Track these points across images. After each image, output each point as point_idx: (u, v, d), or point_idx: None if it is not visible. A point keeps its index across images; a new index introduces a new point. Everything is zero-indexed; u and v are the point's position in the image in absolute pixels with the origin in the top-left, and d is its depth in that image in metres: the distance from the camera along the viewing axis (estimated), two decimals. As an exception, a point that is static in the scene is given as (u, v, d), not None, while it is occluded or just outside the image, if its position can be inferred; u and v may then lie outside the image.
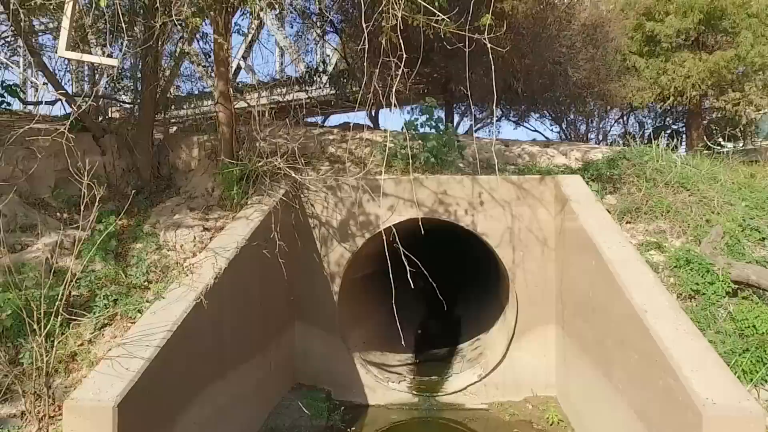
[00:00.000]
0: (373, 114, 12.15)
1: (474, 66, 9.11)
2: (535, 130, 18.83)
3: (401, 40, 5.06)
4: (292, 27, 12.32)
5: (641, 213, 7.29)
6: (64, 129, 4.26)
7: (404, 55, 4.90)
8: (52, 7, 4.48)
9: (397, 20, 4.99)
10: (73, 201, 6.57)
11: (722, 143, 18.39)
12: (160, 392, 3.73)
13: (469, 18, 5.26)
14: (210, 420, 4.52)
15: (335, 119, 15.39)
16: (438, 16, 5.29)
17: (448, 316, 11.58)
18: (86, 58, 4.10)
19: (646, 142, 20.55)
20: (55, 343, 4.00)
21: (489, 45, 5.12)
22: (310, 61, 12.90)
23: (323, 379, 7.02)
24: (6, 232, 5.54)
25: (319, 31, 12.15)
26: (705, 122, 15.79)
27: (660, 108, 14.22)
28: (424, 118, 7.79)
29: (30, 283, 4.72)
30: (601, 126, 21.07)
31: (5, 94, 7.24)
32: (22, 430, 3.79)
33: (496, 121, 14.44)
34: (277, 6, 7.26)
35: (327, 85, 12.91)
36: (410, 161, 6.97)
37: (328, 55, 12.93)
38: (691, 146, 13.98)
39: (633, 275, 4.51)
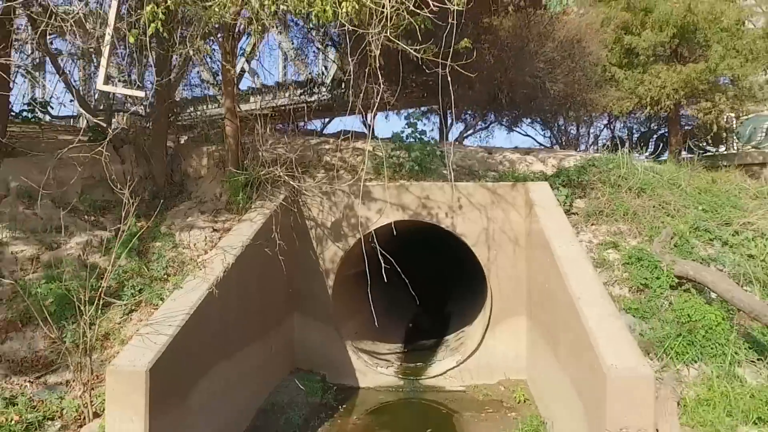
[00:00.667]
0: (369, 122, 13.00)
1: (460, 80, 9.95)
2: (527, 135, 19.50)
3: (398, 53, 5.87)
4: (293, 43, 13.17)
5: (604, 215, 8.14)
6: (102, 148, 5.04)
7: (398, 70, 5.67)
8: (73, 28, 5.30)
9: (379, 49, 5.81)
10: (98, 205, 7.46)
11: (707, 147, 19.20)
12: (180, 364, 4.57)
13: (454, 37, 5.90)
14: (220, 392, 5.36)
15: (335, 122, 16.33)
16: (417, 45, 6.04)
17: (439, 312, 12.43)
18: (119, 91, 4.94)
19: (633, 146, 21.37)
20: (95, 324, 4.86)
21: (466, 67, 5.98)
22: (311, 72, 13.76)
23: (319, 363, 7.86)
24: (44, 232, 6.44)
25: (319, 44, 13.02)
26: (687, 128, 16.54)
27: (644, 115, 15.02)
28: (410, 130, 8.62)
29: (67, 276, 5.59)
30: (591, 131, 21.88)
31: (36, 109, 8.12)
32: (68, 394, 4.66)
33: (485, 128, 15.25)
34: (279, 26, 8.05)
35: (326, 93, 13.77)
36: (396, 169, 7.84)
37: (326, 67, 13.78)
38: (670, 151, 14.76)
39: (575, 269, 5.34)
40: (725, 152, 19.08)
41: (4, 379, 4.71)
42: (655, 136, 20.05)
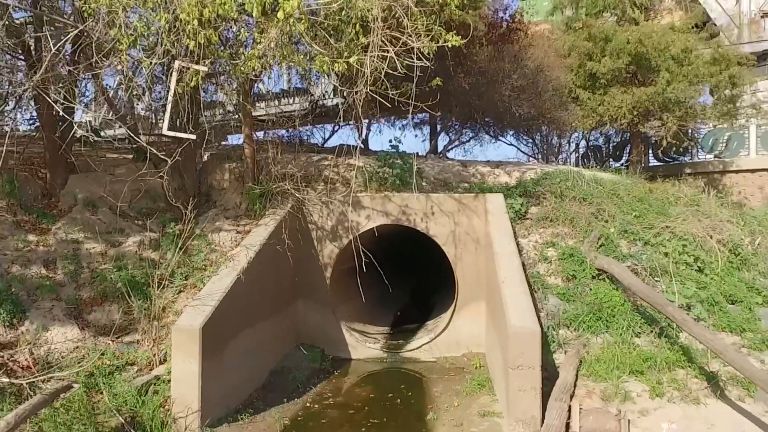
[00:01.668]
0: (363, 136, 14.95)
1: (443, 101, 11.89)
2: (511, 144, 21.36)
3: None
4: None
5: (550, 220, 10.02)
6: (164, 172, 6.94)
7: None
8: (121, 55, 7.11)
9: (362, 99, 7.69)
10: (143, 212, 9.35)
11: (675, 156, 21.04)
12: (219, 327, 6.46)
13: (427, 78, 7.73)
14: (243, 352, 7.25)
15: (334, 138, 18.24)
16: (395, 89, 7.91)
17: (425, 303, 14.29)
18: (179, 135, 6.81)
19: (609, 154, 23.23)
20: (157, 300, 6.78)
21: (444, 93, 7.90)
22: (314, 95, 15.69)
23: (319, 339, 9.72)
24: (107, 233, 8.37)
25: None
26: (654, 140, 18.39)
27: (617, 128, 16.87)
28: (393, 152, 10.53)
29: (130, 266, 7.51)
30: (571, 140, 23.79)
31: (92, 133, 10.03)
32: (140, 349, 6.58)
33: (467, 141, 17.13)
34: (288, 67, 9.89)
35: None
36: (382, 183, 9.74)
37: (328, 91, 15.68)
38: (632, 162, 16.65)
39: (506, 262, 7.24)
40: (690, 161, 21.01)
41: (95, 339, 6.63)
42: (629, 145, 21.89)
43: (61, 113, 6.65)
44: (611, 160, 22.38)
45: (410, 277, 15.24)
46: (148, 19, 6.09)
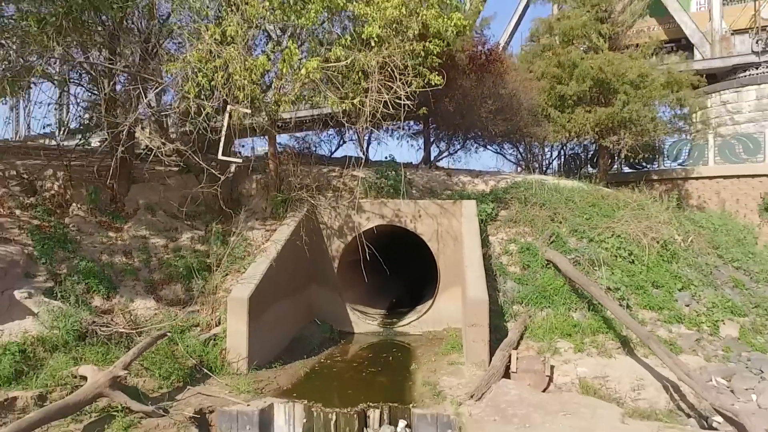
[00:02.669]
0: (365, 148, 17.38)
1: (432, 120, 14.31)
2: (498, 152, 23.69)
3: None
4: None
5: (514, 222, 12.43)
6: (218, 185, 9.33)
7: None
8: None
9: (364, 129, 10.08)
10: (190, 214, 11.74)
11: (643, 164, 23.42)
12: (259, 299, 8.84)
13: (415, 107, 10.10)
14: (273, 321, 9.62)
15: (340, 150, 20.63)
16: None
17: (418, 292, 16.70)
18: (230, 160, 9.17)
19: (587, 161, 25.55)
20: (211, 280, 9.18)
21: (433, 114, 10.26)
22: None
23: (328, 317, 12.09)
24: (165, 231, 10.77)
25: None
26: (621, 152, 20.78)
27: (582, 141, 19.30)
28: (389, 165, 12.92)
29: (188, 255, 9.92)
30: (553, 149, 26.16)
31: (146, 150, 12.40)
32: (200, 315, 8.98)
33: (454, 153, 19.51)
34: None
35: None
36: (379, 191, 12.13)
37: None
38: (599, 170, 19.05)
39: (470, 253, 9.65)
40: (657, 168, 23.41)
41: (167, 308, 9.04)
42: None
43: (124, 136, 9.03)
44: (588, 166, 24.80)
45: (405, 270, 17.63)
46: (210, 77, 8.48)
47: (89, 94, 10.76)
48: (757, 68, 29.48)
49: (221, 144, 9.00)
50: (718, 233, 16.46)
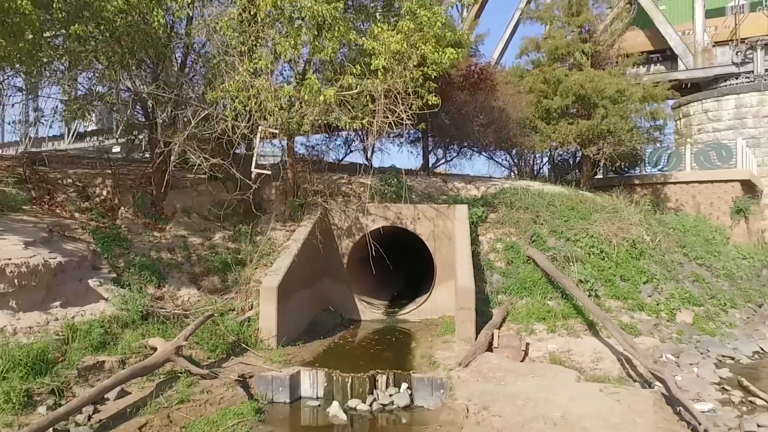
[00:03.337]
0: (368, 156, 19.17)
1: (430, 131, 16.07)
2: (491, 158, 25.43)
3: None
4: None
5: (501, 223, 14.23)
6: (250, 192, 11.11)
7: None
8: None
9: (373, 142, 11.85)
10: (220, 216, 13.49)
11: (626, 169, 25.19)
12: (284, 288, 10.60)
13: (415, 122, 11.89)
14: (295, 308, 11.38)
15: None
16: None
17: (417, 286, 18.47)
18: (262, 171, 10.94)
19: (575, 166, 27.26)
20: (243, 272, 10.96)
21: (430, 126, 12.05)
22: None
23: (339, 306, 13.84)
24: (200, 231, 12.55)
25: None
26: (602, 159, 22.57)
27: (565, 150, 21.13)
28: (392, 172, 14.71)
29: (222, 251, 11.68)
30: (543, 155, 27.95)
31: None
32: (235, 301, 10.76)
33: (450, 160, 21.31)
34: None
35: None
36: (383, 196, 13.91)
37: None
38: (582, 175, 20.86)
39: (460, 250, 11.43)
40: (639, 174, 25.22)
41: (207, 296, 10.81)
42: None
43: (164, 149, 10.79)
44: (576, 171, 26.62)
45: (405, 266, 19.42)
46: (245, 104, 10.26)
47: (140, 116, 12.51)
48: (736, 78, 31.38)
49: (254, 158, 10.78)
50: (688, 234, 18.30)
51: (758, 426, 7.57)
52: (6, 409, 6.41)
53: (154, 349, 8.52)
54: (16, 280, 8.05)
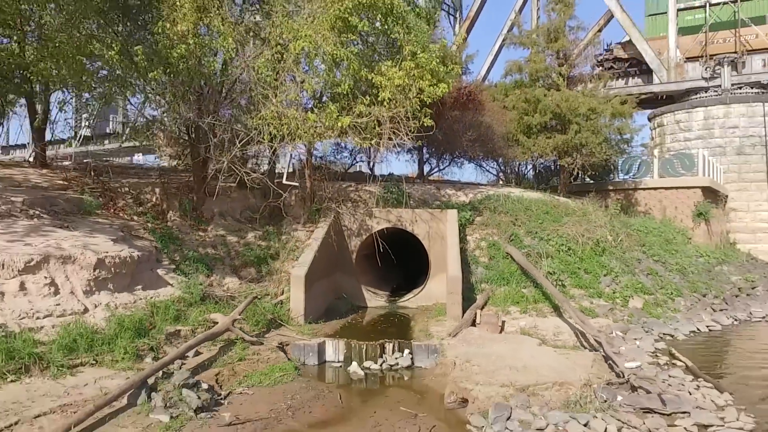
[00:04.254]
0: (371, 167, 21.80)
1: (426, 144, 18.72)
2: (480, 166, 27.99)
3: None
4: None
5: (485, 225, 16.87)
6: (283, 199, 13.70)
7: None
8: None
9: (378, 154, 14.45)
10: (249, 218, 16.06)
11: (601, 176, 27.90)
12: (309, 277, 13.13)
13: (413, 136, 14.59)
14: (316, 294, 13.93)
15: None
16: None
17: (414, 278, 21.09)
18: (292, 184, 13.46)
19: (555, 173, 29.92)
20: (275, 264, 13.54)
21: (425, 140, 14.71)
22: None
23: (349, 295, 16.39)
24: (235, 231, 15.13)
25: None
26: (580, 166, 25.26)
27: (545, 161, 23.84)
28: (393, 182, 17.32)
29: (255, 248, 14.25)
30: (528, 163, 30.64)
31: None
32: (269, 287, 13.34)
33: (444, 168, 23.96)
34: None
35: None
36: (386, 201, 16.52)
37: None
38: (560, 182, 23.56)
39: (450, 247, 14.05)
40: (612, 180, 27.95)
41: (246, 284, 13.36)
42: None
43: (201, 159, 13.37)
44: (557, 177, 29.34)
45: (404, 262, 22.06)
46: (278, 129, 12.84)
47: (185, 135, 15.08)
48: (705, 92, 34.34)
49: (285, 172, 13.35)
50: (649, 234, 21.07)
51: (669, 376, 10.24)
52: (125, 359, 8.96)
53: (215, 322, 11.09)
54: (112, 269, 10.61)
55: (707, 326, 15.39)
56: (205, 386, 8.59)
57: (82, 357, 8.64)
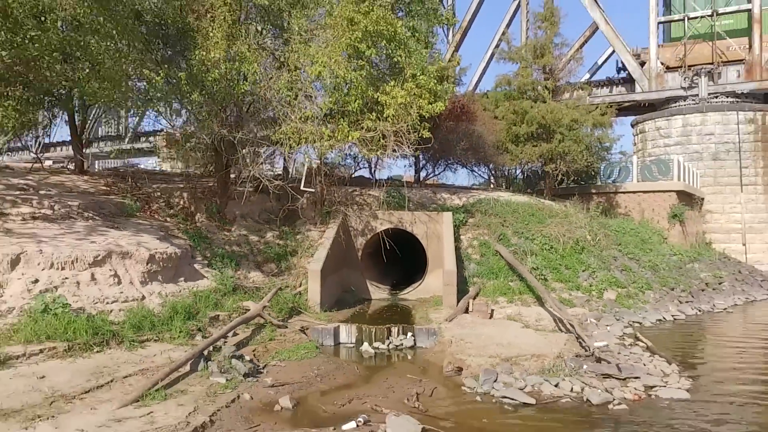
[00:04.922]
0: (373, 172, 23.75)
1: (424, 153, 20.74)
2: (472, 171, 29.96)
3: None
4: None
5: (476, 226, 18.88)
6: (300, 203, 15.63)
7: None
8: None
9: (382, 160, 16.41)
10: (267, 220, 17.96)
11: (586, 181, 29.99)
12: (323, 271, 15.04)
13: (412, 145, 16.64)
14: (329, 286, 15.85)
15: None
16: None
17: (413, 274, 23.07)
18: (309, 189, 15.38)
19: (542, 177, 31.93)
20: (293, 260, 15.48)
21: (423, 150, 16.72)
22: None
23: (355, 288, 18.32)
24: (255, 231, 17.06)
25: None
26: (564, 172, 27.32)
27: (532, 167, 25.91)
28: (394, 187, 19.30)
29: (274, 246, 16.19)
30: (517, 168, 32.69)
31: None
32: (288, 280, 15.28)
33: (439, 173, 25.94)
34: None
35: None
36: (389, 204, 18.49)
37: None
38: (546, 186, 25.64)
39: (448, 246, 16.03)
40: (595, 184, 30.04)
41: (269, 278, 15.27)
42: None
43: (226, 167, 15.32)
44: (544, 182, 31.43)
45: (404, 259, 24.06)
46: (297, 142, 14.77)
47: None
48: (684, 101, 36.53)
49: (303, 179, 15.30)
50: (626, 235, 23.16)
51: (630, 353, 12.27)
52: (180, 336, 10.86)
53: (247, 309, 13.01)
54: (161, 263, 12.52)
55: (672, 315, 17.49)
56: (247, 358, 10.52)
57: (147, 334, 10.55)
